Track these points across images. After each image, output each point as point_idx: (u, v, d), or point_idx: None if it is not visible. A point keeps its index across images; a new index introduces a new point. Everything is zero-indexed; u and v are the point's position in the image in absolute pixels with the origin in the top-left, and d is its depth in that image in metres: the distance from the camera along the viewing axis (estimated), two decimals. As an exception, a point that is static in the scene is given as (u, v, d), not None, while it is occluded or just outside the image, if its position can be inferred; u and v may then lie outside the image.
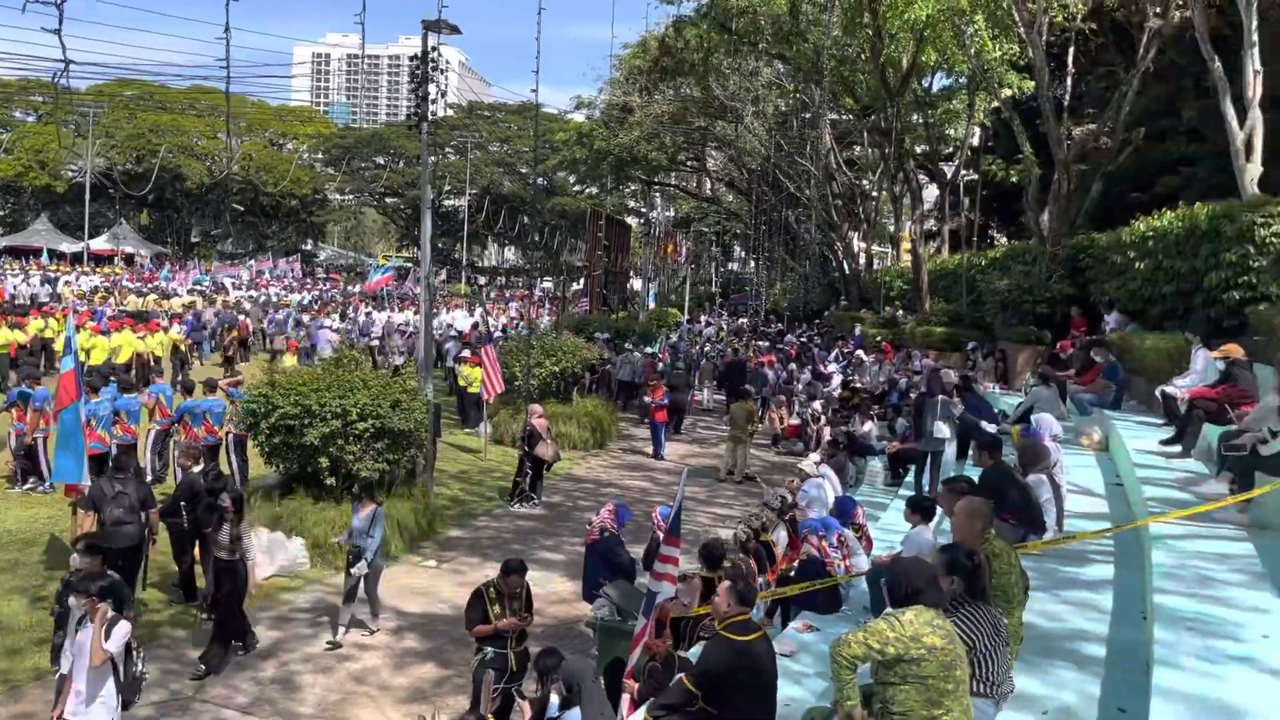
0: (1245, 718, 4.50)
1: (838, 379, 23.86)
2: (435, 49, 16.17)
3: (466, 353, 23.35)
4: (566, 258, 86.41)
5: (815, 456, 13.40)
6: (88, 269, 56.21)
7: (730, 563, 8.61)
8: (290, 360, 21.61)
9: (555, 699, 6.40)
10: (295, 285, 57.18)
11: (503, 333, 32.31)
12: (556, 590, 11.85)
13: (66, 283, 45.07)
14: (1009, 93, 25.22)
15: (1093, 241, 19.61)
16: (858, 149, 43.40)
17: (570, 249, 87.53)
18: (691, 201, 69.22)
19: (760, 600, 7.77)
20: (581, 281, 53.32)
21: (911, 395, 16.84)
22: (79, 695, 6.58)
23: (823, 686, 6.46)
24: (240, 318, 31.32)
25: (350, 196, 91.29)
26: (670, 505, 8.36)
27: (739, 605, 5.81)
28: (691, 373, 28.56)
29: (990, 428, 11.68)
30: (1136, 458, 10.39)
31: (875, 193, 41.51)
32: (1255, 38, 15.02)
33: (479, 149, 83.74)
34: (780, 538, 9.93)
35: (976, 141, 33.52)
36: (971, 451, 11.44)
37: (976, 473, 9.06)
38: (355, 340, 30.75)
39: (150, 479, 13.71)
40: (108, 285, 44.67)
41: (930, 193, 40.01)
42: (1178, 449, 10.36)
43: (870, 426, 16.68)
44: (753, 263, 66.76)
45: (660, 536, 8.54)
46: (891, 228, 40.75)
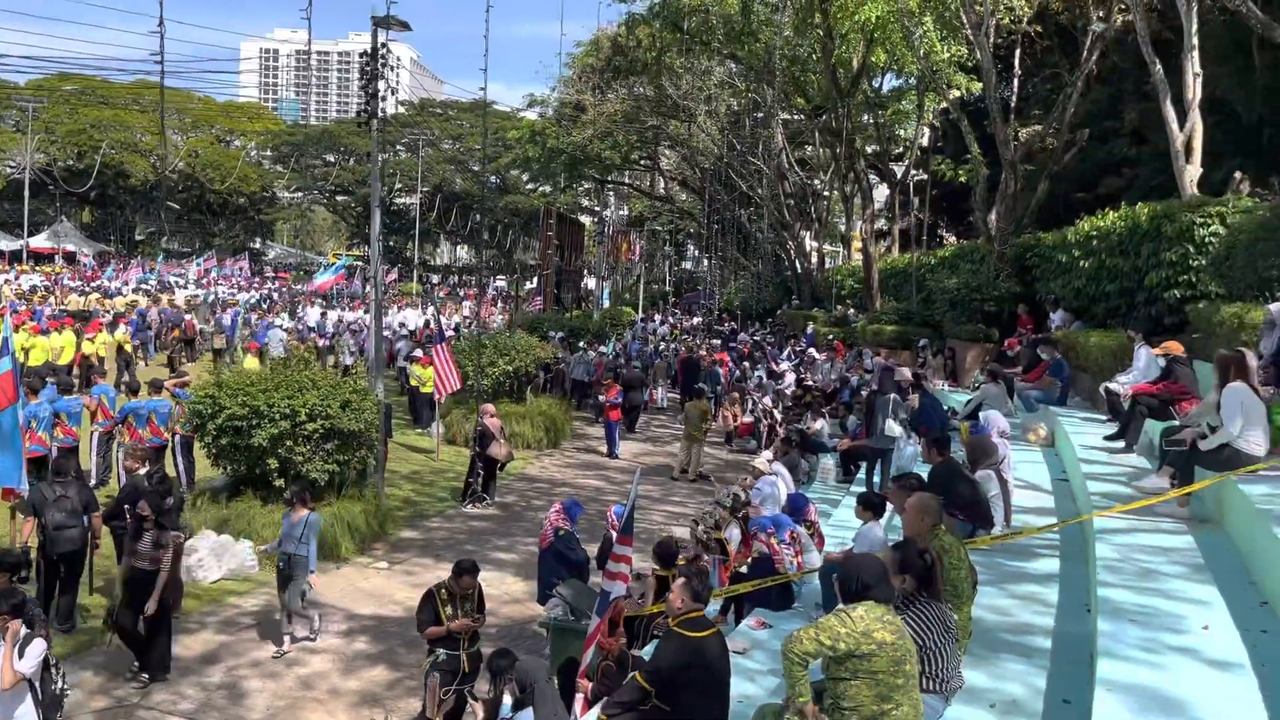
0: (1186, 707, 4.58)
1: (791, 377, 24.01)
2: (385, 45, 16.03)
3: (419, 352, 23.14)
4: (520, 256, 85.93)
5: (768, 454, 13.46)
6: (27, 268, 54.83)
7: (685, 560, 8.63)
8: (252, 362, 21.19)
9: (508, 700, 6.37)
10: (243, 284, 56.29)
11: (455, 331, 32.06)
12: (509, 591, 11.79)
13: (6, 281, 43.92)
14: (957, 94, 25.54)
15: (1039, 241, 19.95)
16: (809, 149, 43.71)
17: (524, 247, 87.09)
18: (645, 200, 69.22)
19: (714, 597, 7.79)
20: (535, 280, 53.09)
21: (863, 393, 16.99)
22: None
23: (776, 683, 6.49)
24: (186, 317, 30.75)
25: (299, 194, 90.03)
26: (625, 504, 8.35)
27: (693, 602, 5.82)
28: (646, 371, 28.59)
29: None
30: (1081, 453, 10.53)
31: (827, 192, 41.81)
32: (1195, 41, 15.37)
33: (431, 146, 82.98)
34: (733, 535, 9.96)
35: (926, 142, 33.95)
36: (921, 447, 11.57)
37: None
38: (305, 336, 30.40)
39: (94, 482, 13.42)
40: (48, 284, 43.63)
41: (881, 192, 40.41)
42: (1121, 444, 10.54)
43: (822, 424, 16.81)
44: (706, 261, 66.91)
45: (614, 535, 8.53)
46: (843, 227, 41.14)
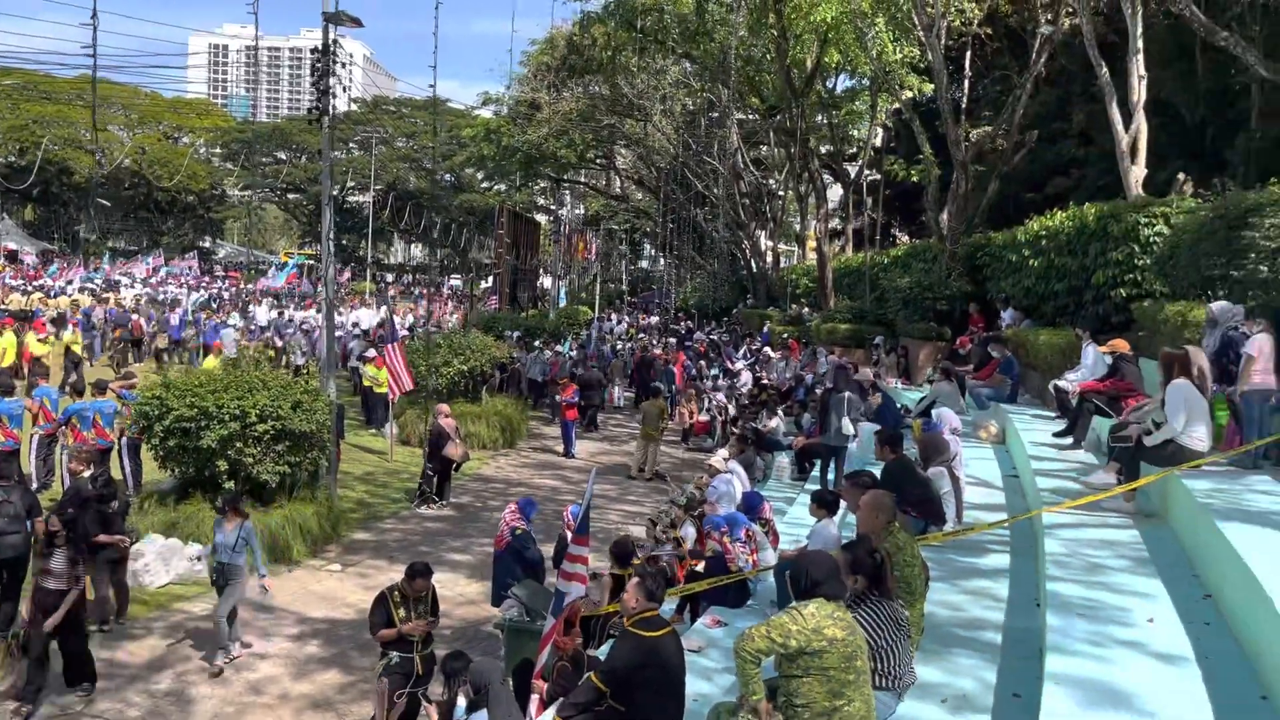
0: (1132, 700, 4.65)
1: (747, 375, 24.11)
2: (336, 41, 15.83)
3: (371, 352, 22.86)
4: (475, 255, 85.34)
5: (724, 453, 13.49)
6: (-34, 266, 53.41)
7: (640, 560, 8.62)
8: (212, 362, 20.72)
9: (462, 701, 6.33)
10: (192, 283, 55.30)
11: (409, 331, 31.75)
12: (463, 592, 11.70)
13: (-57, 281, 42.75)
14: (909, 94, 25.82)
15: (989, 240, 20.23)
16: (764, 148, 43.91)
17: (479, 246, 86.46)
18: (601, 199, 69.11)
19: (669, 596, 7.78)
20: (491, 279, 52.77)
21: (818, 391, 17.10)
22: None
23: (731, 681, 6.49)
24: (133, 317, 30.11)
25: (250, 192, 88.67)
26: (580, 504, 8.31)
27: (647, 602, 5.80)
28: (604, 371, 28.52)
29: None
30: (1031, 450, 10.69)
31: (781, 192, 42.06)
32: (1140, 45, 15.68)
33: (384, 144, 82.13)
34: (688, 534, 9.97)
35: (879, 142, 34.26)
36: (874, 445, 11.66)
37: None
38: (257, 337, 29.92)
39: (35, 486, 13.07)
40: (-11, 283, 42.51)
41: (835, 192, 40.72)
42: (1069, 441, 10.71)
43: (777, 422, 16.89)
44: (662, 261, 66.98)
45: (569, 536, 8.49)
46: (797, 226, 41.43)
